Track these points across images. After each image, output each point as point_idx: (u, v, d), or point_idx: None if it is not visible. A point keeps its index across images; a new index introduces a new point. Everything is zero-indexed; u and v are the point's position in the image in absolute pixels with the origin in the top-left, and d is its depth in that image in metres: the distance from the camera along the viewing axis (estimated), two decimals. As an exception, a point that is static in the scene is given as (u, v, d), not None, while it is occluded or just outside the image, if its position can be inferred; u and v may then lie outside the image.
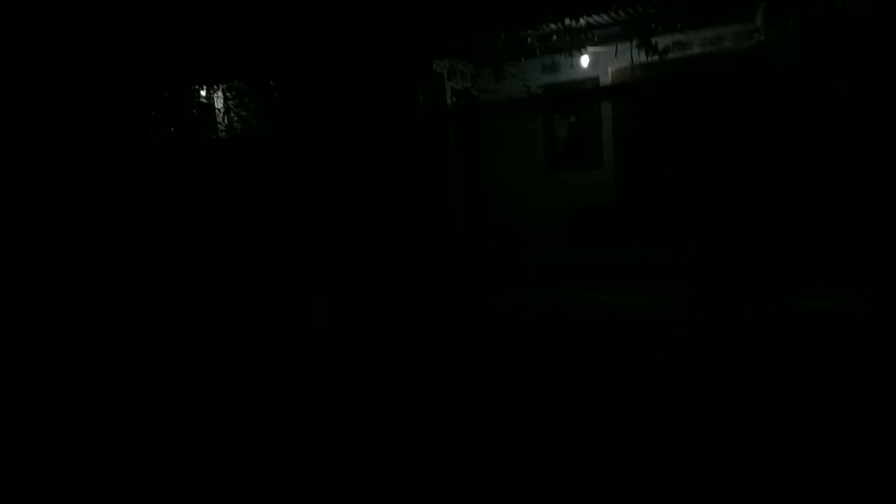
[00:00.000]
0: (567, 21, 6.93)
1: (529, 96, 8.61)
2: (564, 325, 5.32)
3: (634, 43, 7.47)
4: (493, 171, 9.99)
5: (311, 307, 6.00)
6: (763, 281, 6.41)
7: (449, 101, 8.80)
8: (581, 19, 7.07)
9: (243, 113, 9.64)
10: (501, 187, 9.94)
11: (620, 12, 7.14)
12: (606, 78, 9.07)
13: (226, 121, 9.66)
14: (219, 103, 9.55)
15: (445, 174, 8.86)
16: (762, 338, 4.36)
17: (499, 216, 9.99)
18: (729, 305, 5.43)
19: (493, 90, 8.51)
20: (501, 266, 8.73)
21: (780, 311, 5.16)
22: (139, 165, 7.51)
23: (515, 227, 9.82)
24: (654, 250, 8.24)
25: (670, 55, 6.80)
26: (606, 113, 9.23)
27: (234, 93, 9.03)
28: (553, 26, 7.06)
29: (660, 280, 6.90)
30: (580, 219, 9.27)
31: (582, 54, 8.11)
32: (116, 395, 4.10)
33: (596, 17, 7.38)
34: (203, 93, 9.26)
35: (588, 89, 9.30)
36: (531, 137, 9.71)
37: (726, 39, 8.20)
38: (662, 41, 6.79)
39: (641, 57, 7.53)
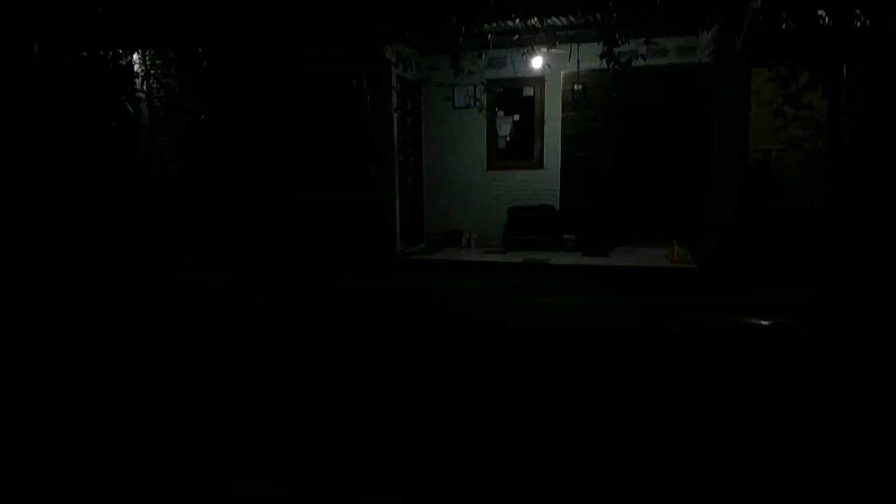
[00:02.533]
0: (530, 21, 6.78)
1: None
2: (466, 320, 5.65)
3: (586, 49, 7.48)
4: (436, 166, 9.76)
5: (249, 304, 5.64)
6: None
7: (395, 91, 8.45)
8: (545, 20, 6.95)
9: (167, 81, 8.90)
10: (443, 183, 9.73)
11: (583, 18, 7.06)
12: (556, 80, 9.02)
13: (145, 87, 8.88)
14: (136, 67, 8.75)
15: (388, 168, 8.54)
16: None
17: (439, 211, 9.78)
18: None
19: (441, 80, 8.23)
20: (434, 263, 8.56)
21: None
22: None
23: (455, 222, 9.66)
24: (586, 258, 8.32)
25: (623, 62, 6.80)
26: (552, 115, 9.18)
27: (159, 60, 8.29)
28: (514, 23, 6.88)
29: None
30: (518, 219, 9.21)
31: (535, 55, 7.99)
32: None
33: (556, 20, 7.27)
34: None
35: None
36: (474, 133, 9.54)
37: (678, 52, 8.35)
38: (617, 49, 6.77)
39: (592, 63, 7.53)
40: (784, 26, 6.50)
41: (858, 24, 5.83)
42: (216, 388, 3.98)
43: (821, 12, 5.87)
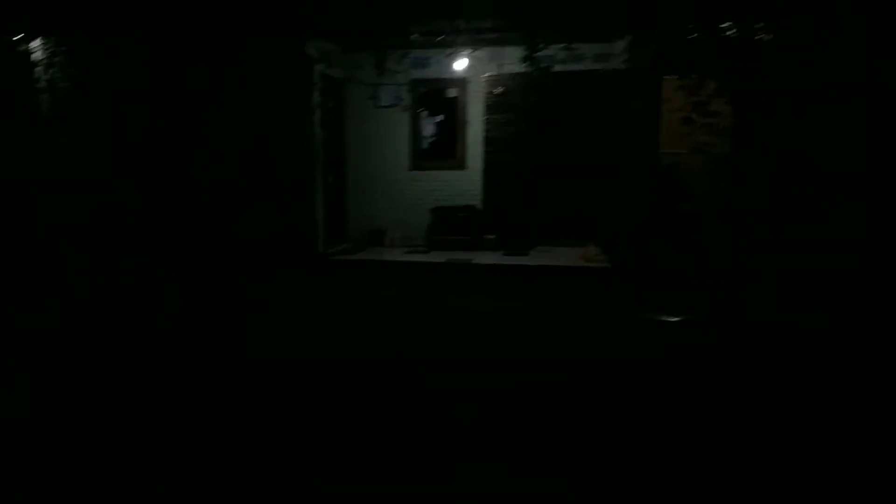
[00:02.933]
0: (457, 22, 6.86)
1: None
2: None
3: (509, 53, 7.64)
4: (359, 165, 9.68)
5: (158, 309, 5.38)
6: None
7: (317, 88, 8.32)
8: (470, 22, 7.05)
9: (72, 70, 8.43)
10: (367, 182, 9.65)
11: (505, 21, 7.21)
12: (479, 82, 9.13)
13: (47, 75, 8.37)
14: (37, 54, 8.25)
15: (309, 166, 8.39)
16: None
17: (361, 213, 9.70)
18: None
19: (365, 79, 8.20)
20: (357, 263, 8.49)
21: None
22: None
23: (379, 222, 9.60)
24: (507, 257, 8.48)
25: (543, 66, 6.98)
26: (474, 116, 9.30)
27: (64, 47, 7.82)
28: (439, 23, 6.94)
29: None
30: (441, 218, 9.26)
31: (459, 57, 8.07)
32: None
33: (481, 22, 7.38)
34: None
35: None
36: (398, 133, 9.52)
37: (595, 59, 8.63)
38: (538, 54, 6.95)
39: (514, 67, 7.72)
40: (691, 37, 6.87)
41: (758, 37, 6.23)
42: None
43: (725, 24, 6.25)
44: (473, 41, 7.40)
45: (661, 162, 7.60)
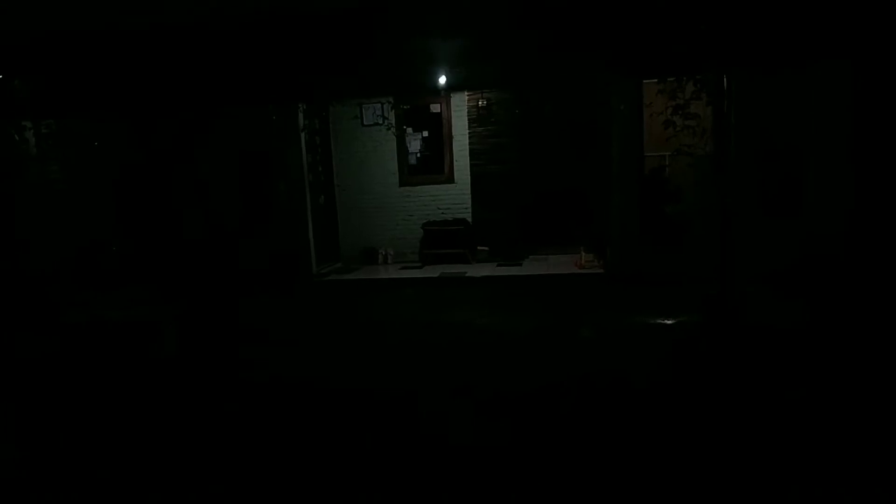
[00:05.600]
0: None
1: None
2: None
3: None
4: (348, 185, 9.71)
5: (155, 340, 5.40)
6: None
7: (302, 111, 8.37)
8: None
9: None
10: (357, 201, 9.69)
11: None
12: (461, 96, 9.21)
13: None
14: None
15: (298, 188, 8.43)
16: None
17: (353, 232, 9.72)
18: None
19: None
20: (352, 283, 8.50)
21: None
22: None
23: (371, 240, 9.63)
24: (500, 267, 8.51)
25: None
26: (459, 130, 9.36)
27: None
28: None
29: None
30: (433, 233, 9.30)
31: (440, 76, 8.15)
32: None
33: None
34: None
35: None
36: (384, 150, 9.58)
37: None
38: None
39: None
40: (668, 40, 6.95)
41: (734, 37, 6.31)
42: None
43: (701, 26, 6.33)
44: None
45: (646, 166, 7.67)
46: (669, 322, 5.47)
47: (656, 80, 7.46)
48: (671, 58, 6.48)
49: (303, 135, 8.44)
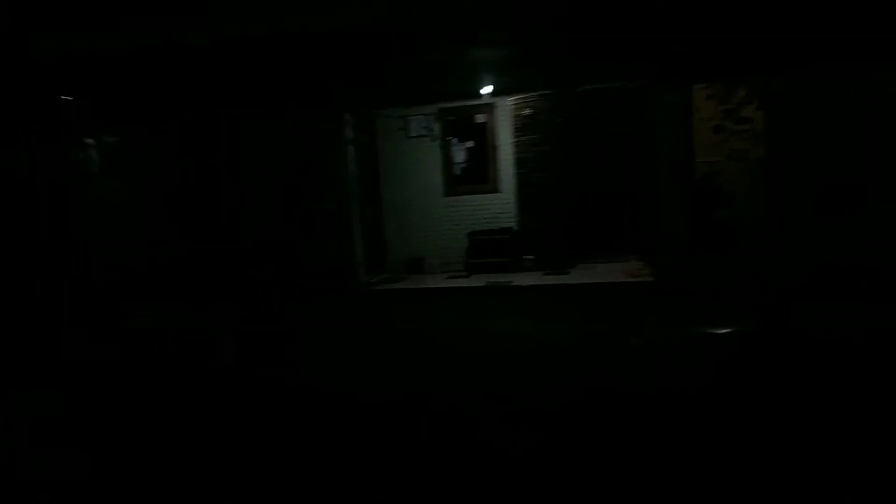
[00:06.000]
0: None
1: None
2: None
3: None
4: (394, 195, 9.85)
5: (212, 347, 5.61)
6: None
7: (349, 125, 8.57)
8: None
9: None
10: (403, 211, 9.81)
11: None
12: (506, 106, 9.24)
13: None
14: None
15: (345, 200, 8.60)
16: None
17: (400, 242, 9.84)
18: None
19: (392, 112, 8.40)
20: (399, 293, 8.58)
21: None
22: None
23: (417, 249, 9.72)
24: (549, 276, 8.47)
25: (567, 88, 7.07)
26: (503, 140, 9.40)
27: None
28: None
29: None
30: (478, 242, 9.32)
31: (485, 85, 8.22)
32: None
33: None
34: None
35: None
36: (430, 161, 9.67)
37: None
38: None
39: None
40: (717, 45, 6.85)
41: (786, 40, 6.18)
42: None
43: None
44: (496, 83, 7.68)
45: (696, 171, 7.55)
46: (723, 332, 5.35)
47: (704, 86, 7.37)
48: (721, 62, 6.39)
49: (350, 147, 8.61)
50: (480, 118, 9.55)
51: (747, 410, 3.66)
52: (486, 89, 8.43)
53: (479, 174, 9.67)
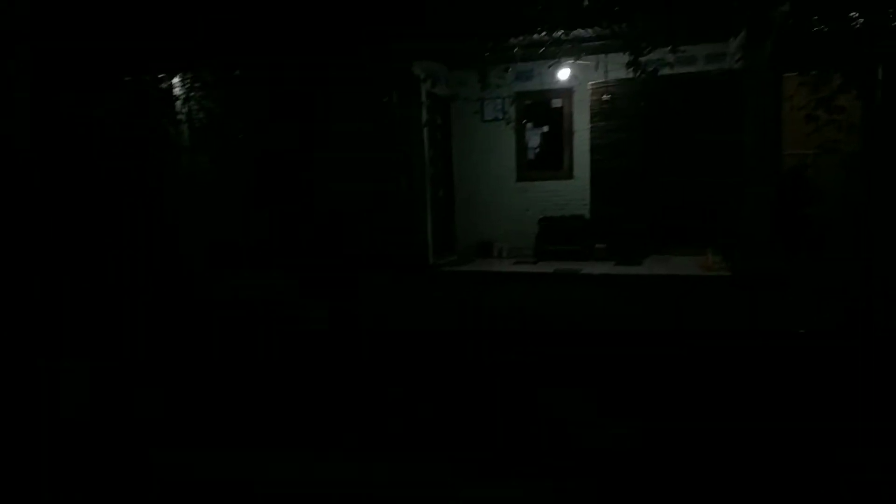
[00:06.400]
0: (556, 33, 6.86)
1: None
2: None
3: (613, 59, 7.53)
4: (466, 179, 9.87)
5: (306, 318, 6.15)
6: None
7: (425, 107, 8.62)
8: (570, 33, 7.03)
9: (206, 103, 9.26)
10: (474, 195, 9.83)
11: (608, 28, 7.10)
12: (584, 90, 9.06)
13: (186, 109, 9.24)
14: (177, 90, 9.14)
15: (419, 183, 8.69)
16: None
17: (469, 225, 9.87)
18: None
19: (470, 95, 8.36)
20: (467, 275, 8.63)
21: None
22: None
23: (486, 233, 9.73)
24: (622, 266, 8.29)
25: (650, 71, 6.82)
26: (580, 125, 9.22)
27: (198, 83, 8.64)
28: (539, 36, 6.96)
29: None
30: (549, 228, 9.22)
31: (562, 66, 8.06)
32: None
33: (581, 32, 7.33)
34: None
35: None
36: (503, 145, 9.62)
37: (706, 60, 8.31)
38: (644, 59, 6.80)
39: (619, 73, 7.58)
40: (815, 29, 6.45)
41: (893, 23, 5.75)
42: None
43: (853, 13, 5.82)
44: (575, 51, 7.35)
45: (783, 164, 7.17)
46: (803, 333, 5.10)
47: (796, 73, 6.96)
48: (818, 47, 6.01)
49: (425, 130, 8.67)
50: (557, 103, 9.40)
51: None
52: (564, 73, 8.29)
53: (552, 159, 9.55)
